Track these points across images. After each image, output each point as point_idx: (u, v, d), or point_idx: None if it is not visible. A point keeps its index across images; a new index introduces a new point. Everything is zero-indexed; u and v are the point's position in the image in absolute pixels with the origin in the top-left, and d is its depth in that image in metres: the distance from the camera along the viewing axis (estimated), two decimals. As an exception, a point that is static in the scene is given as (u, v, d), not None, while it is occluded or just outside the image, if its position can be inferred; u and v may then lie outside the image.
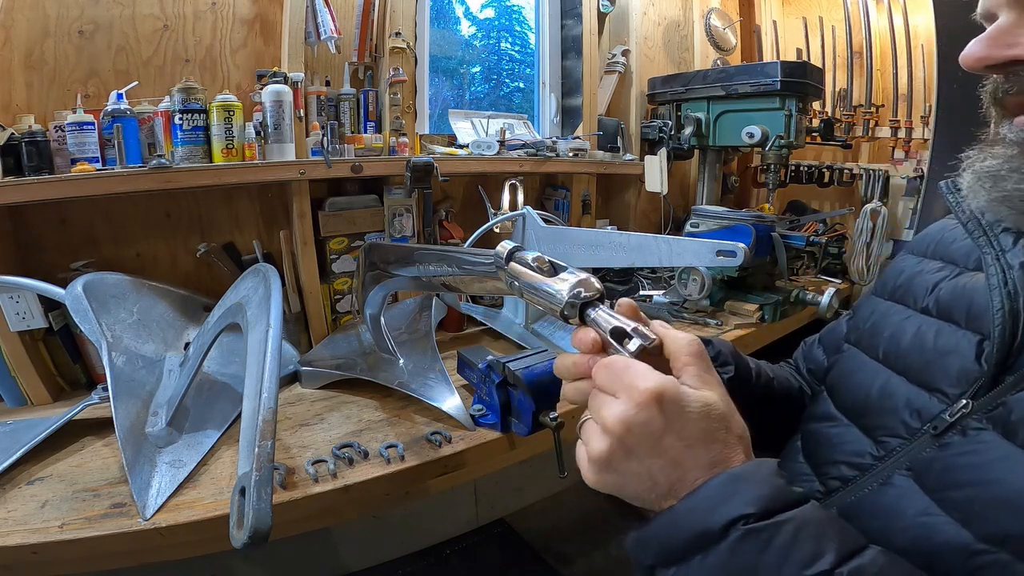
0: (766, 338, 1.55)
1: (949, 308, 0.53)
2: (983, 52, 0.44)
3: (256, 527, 0.53)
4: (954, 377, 0.48)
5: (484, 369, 0.96)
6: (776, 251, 1.57)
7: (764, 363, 0.74)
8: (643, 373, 0.40)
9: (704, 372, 0.42)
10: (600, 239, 1.19)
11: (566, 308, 0.46)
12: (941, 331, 0.52)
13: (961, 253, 0.57)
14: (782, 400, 0.71)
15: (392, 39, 1.38)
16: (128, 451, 0.78)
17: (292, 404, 1.04)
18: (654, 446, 0.39)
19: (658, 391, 0.39)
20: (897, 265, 0.63)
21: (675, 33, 2.20)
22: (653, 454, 0.39)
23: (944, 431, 0.46)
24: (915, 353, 0.53)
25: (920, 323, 0.55)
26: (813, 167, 2.23)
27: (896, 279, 0.61)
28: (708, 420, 0.40)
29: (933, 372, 0.50)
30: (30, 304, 1.00)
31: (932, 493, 0.44)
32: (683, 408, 0.39)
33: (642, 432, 0.39)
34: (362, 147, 1.33)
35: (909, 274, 0.59)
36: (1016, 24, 0.43)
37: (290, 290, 1.28)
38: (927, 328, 0.53)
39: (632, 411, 0.39)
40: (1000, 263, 0.48)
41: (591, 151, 1.78)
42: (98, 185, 1.01)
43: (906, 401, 0.51)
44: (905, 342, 0.55)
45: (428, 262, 0.85)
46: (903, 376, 0.53)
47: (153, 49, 1.19)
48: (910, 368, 0.53)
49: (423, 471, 0.86)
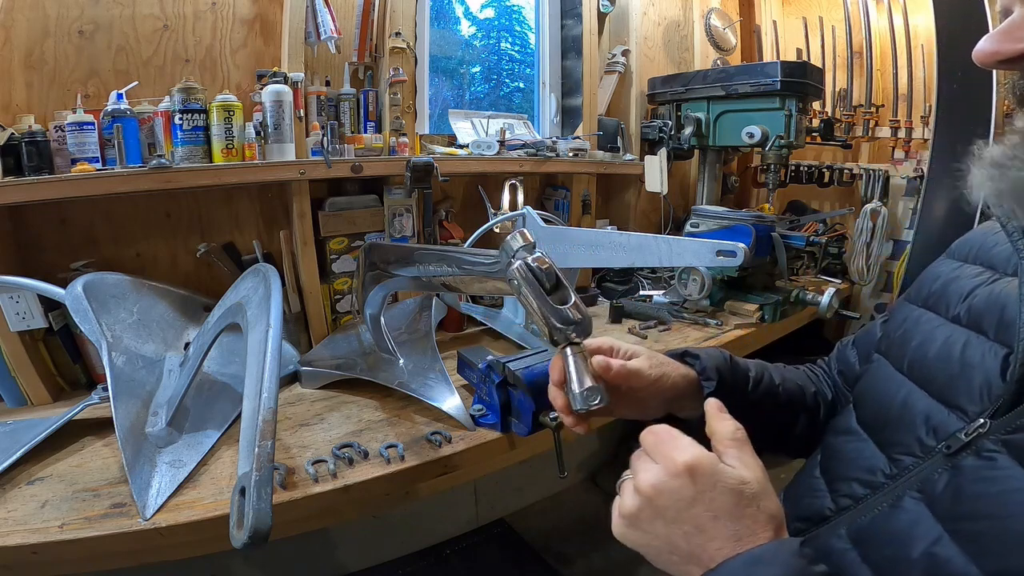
0: (766, 338, 1.55)
1: (980, 317, 0.49)
2: (995, 46, 0.42)
3: (256, 527, 0.53)
4: (976, 393, 0.45)
5: (484, 369, 0.96)
6: (776, 251, 1.57)
7: (777, 368, 0.72)
8: (683, 446, 0.42)
9: (744, 455, 0.43)
10: (600, 239, 1.19)
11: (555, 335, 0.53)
12: (969, 342, 0.49)
13: (1002, 257, 0.53)
14: (786, 405, 0.70)
15: (392, 39, 1.38)
16: (128, 451, 0.78)
17: (292, 404, 1.04)
18: (680, 512, 0.41)
19: (693, 463, 0.41)
20: (933, 270, 0.60)
21: (675, 33, 2.20)
22: (679, 520, 0.41)
23: (958, 451, 0.43)
24: (940, 365, 0.50)
25: (950, 333, 0.51)
26: (813, 167, 2.23)
27: (931, 285, 0.58)
28: (739, 496, 0.41)
29: (956, 387, 0.47)
30: (30, 304, 1.00)
31: (943, 522, 0.41)
32: (716, 482, 0.41)
33: (672, 498, 0.41)
34: (362, 147, 1.33)
35: (945, 280, 0.56)
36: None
37: (290, 290, 1.28)
38: (956, 338, 0.50)
39: (665, 478, 0.42)
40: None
41: (591, 151, 1.78)
42: (98, 185, 1.01)
43: (924, 417, 0.49)
44: (932, 353, 0.52)
45: (428, 262, 0.85)
46: (925, 390, 0.50)
47: (153, 49, 1.19)
48: (933, 381, 0.50)
49: (423, 471, 0.86)
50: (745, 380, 0.67)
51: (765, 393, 0.68)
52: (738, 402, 0.63)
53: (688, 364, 0.65)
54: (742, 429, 0.45)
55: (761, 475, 0.42)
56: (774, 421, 0.69)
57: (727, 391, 0.64)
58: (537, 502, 1.58)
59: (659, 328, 1.47)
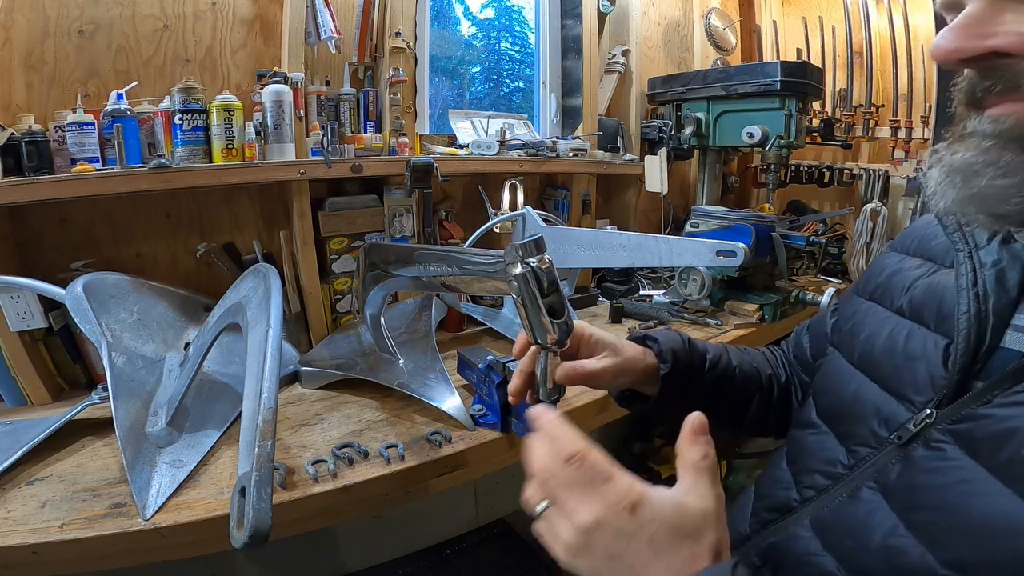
0: (766, 338, 1.55)
1: (921, 308, 0.51)
2: (956, 43, 0.40)
3: (256, 527, 0.53)
4: (921, 384, 0.47)
5: (484, 369, 0.96)
6: (776, 251, 1.57)
7: (737, 351, 0.76)
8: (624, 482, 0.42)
9: (700, 484, 0.43)
10: (600, 239, 1.19)
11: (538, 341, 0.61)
12: (912, 334, 0.50)
13: (941, 249, 0.54)
14: (741, 387, 0.73)
15: (392, 39, 1.38)
16: (128, 451, 0.78)
17: (292, 404, 1.04)
18: (621, 547, 0.40)
19: (635, 500, 0.41)
20: (879, 263, 0.62)
21: (675, 33, 2.20)
22: (620, 555, 0.41)
23: (908, 441, 0.44)
24: (886, 357, 0.51)
25: (894, 324, 0.53)
26: (813, 167, 2.23)
27: (877, 277, 0.60)
28: (679, 530, 0.40)
29: (902, 378, 0.49)
30: (30, 304, 1.00)
31: (898, 512, 0.43)
32: (654, 516, 0.41)
33: (612, 534, 0.41)
34: (362, 147, 1.33)
35: (889, 272, 0.58)
36: (990, 10, 0.39)
37: (290, 290, 1.28)
38: (900, 330, 0.52)
39: (604, 514, 0.41)
40: (972, 261, 0.46)
41: (591, 151, 1.77)
42: (98, 185, 1.01)
43: (875, 408, 0.50)
44: (879, 345, 0.53)
45: (428, 262, 0.85)
46: (875, 381, 0.52)
47: (153, 49, 1.19)
48: (881, 373, 0.51)
49: (423, 471, 0.86)
50: (702, 362, 0.70)
51: (721, 375, 0.72)
52: (693, 383, 0.69)
53: (648, 347, 0.68)
54: (710, 456, 0.44)
55: (712, 505, 0.42)
56: (728, 401, 0.73)
57: (682, 372, 0.68)
58: (537, 502, 1.57)
59: (659, 328, 1.47)
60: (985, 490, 0.37)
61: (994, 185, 0.39)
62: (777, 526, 0.55)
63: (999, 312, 0.43)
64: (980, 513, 0.37)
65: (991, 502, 0.37)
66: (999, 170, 0.39)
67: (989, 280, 0.44)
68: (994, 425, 0.38)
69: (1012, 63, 0.38)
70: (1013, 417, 0.38)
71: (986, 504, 0.37)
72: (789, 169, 2.17)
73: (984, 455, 0.39)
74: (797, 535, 0.51)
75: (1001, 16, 0.38)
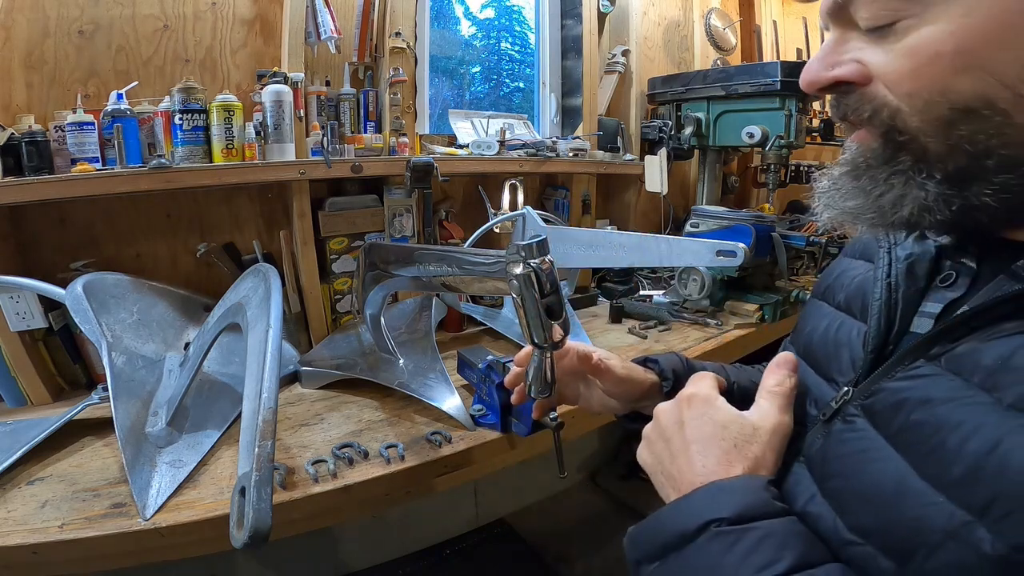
0: (766, 338, 1.55)
1: (851, 301, 0.55)
2: (811, 74, 0.43)
3: (256, 527, 0.53)
4: (845, 367, 0.50)
5: (484, 369, 0.96)
6: (776, 251, 1.57)
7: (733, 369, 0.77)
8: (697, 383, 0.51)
9: (766, 405, 0.49)
10: (600, 239, 1.19)
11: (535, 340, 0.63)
12: (843, 324, 0.54)
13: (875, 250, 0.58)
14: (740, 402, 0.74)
15: (392, 39, 1.38)
16: (128, 451, 0.78)
17: (292, 404, 1.04)
18: (671, 434, 0.49)
19: (692, 392, 0.50)
20: (832, 266, 0.65)
21: (675, 33, 2.20)
22: (669, 440, 0.49)
23: (831, 418, 0.47)
24: (821, 347, 0.56)
25: (831, 318, 0.57)
26: (813, 167, 2.23)
27: (827, 279, 0.63)
28: (722, 430, 0.47)
29: (830, 363, 0.53)
30: (30, 304, 1.00)
31: (818, 482, 0.45)
32: (703, 412, 0.48)
33: (667, 419, 0.50)
34: (362, 147, 1.33)
35: (837, 273, 0.61)
36: (839, 41, 0.41)
37: (290, 290, 1.28)
38: (833, 322, 0.56)
39: (669, 404, 0.51)
40: (890, 255, 0.49)
41: (591, 151, 1.77)
42: (98, 185, 1.01)
43: (809, 391, 0.54)
44: (817, 336, 0.57)
45: (428, 262, 0.85)
46: (813, 368, 0.56)
47: (153, 49, 1.19)
48: (817, 361, 0.55)
49: (423, 471, 0.86)
50: None
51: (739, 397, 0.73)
52: None
53: (649, 368, 0.73)
54: (786, 384, 0.50)
55: (769, 424, 0.47)
56: None
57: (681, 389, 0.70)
58: (537, 502, 1.57)
59: (659, 328, 1.47)
60: (880, 456, 0.40)
61: (847, 206, 0.43)
62: None
63: (908, 299, 0.46)
64: (872, 479, 0.39)
65: (882, 467, 0.39)
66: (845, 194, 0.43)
67: (901, 271, 0.47)
68: (892, 396, 0.41)
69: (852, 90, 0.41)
70: (907, 388, 0.40)
71: (878, 470, 0.39)
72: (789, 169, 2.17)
73: (882, 425, 0.41)
74: None
75: (845, 45, 0.41)
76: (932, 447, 0.36)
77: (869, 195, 0.41)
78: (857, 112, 0.41)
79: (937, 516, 0.34)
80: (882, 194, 0.40)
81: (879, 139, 0.40)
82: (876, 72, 0.39)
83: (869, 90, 0.40)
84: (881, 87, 0.39)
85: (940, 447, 0.36)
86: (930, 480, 0.36)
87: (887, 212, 0.40)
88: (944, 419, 0.36)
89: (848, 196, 0.43)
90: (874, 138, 0.41)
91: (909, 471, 0.37)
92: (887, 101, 0.39)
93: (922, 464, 0.37)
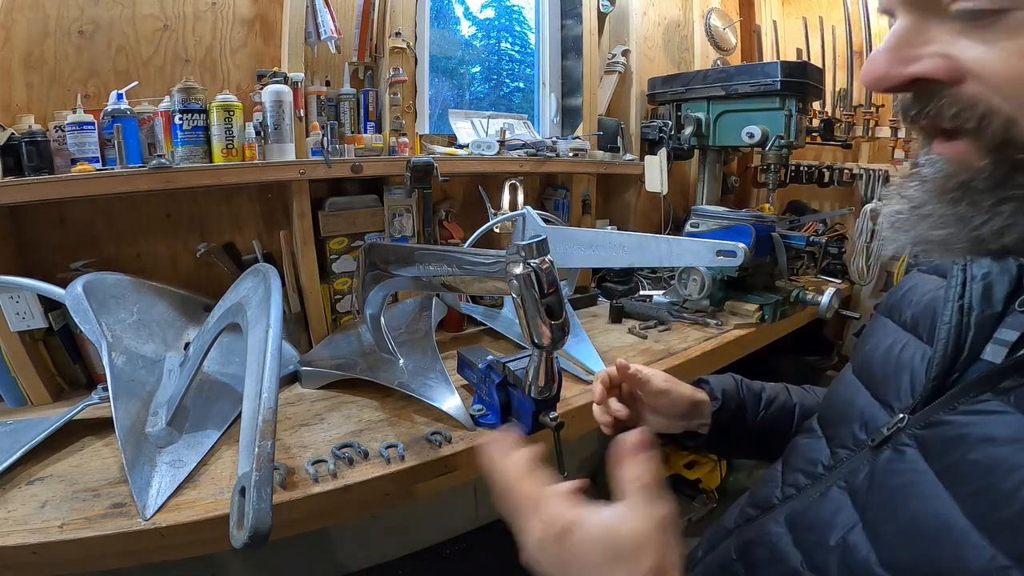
0: (766, 338, 1.55)
1: (918, 321, 0.52)
2: (882, 70, 0.35)
3: (256, 527, 0.53)
4: (903, 391, 0.47)
5: (484, 369, 0.96)
6: (776, 251, 1.57)
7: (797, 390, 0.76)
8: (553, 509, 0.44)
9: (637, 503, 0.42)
10: (600, 239, 1.19)
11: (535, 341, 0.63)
12: (908, 344, 0.51)
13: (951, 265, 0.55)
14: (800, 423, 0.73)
15: (392, 39, 1.38)
16: (128, 451, 0.78)
17: (292, 404, 1.04)
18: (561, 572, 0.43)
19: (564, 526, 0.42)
20: (903, 281, 0.62)
21: (675, 33, 2.20)
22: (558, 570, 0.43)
23: (880, 444, 0.44)
24: (880, 367, 0.53)
25: (895, 337, 0.54)
26: (813, 167, 2.23)
27: (896, 295, 0.60)
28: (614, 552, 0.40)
29: (888, 385, 0.50)
30: (30, 304, 1.00)
31: (859, 511, 0.43)
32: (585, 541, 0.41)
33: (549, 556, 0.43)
34: (362, 147, 1.33)
35: (906, 288, 0.59)
36: (914, 30, 0.34)
37: (290, 290, 1.28)
38: (898, 341, 0.53)
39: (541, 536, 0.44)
40: (964, 273, 0.45)
41: (591, 151, 1.77)
42: (98, 185, 1.01)
43: (860, 413, 0.51)
44: (878, 355, 0.54)
45: (428, 262, 0.85)
46: (867, 388, 0.53)
47: (153, 49, 1.19)
48: (874, 381, 0.53)
49: (423, 471, 0.86)
50: (755, 400, 0.72)
51: (778, 412, 0.72)
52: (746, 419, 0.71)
53: (700, 387, 0.71)
54: (646, 476, 0.43)
55: (650, 526, 0.41)
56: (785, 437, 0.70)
57: (733, 413, 0.71)
58: (537, 502, 1.57)
59: (659, 328, 1.47)
60: (926, 492, 0.38)
61: (932, 235, 0.36)
62: (758, 522, 0.56)
63: (981, 324, 0.43)
64: (916, 516, 0.37)
65: (926, 504, 0.37)
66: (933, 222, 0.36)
67: (976, 293, 0.44)
68: (951, 431, 0.39)
69: (937, 91, 0.34)
70: (969, 424, 0.38)
71: (921, 506, 0.37)
72: (789, 169, 2.17)
73: (934, 459, 0.39)
74: (772, 530, 0.52)
75: (924, 35, 0.34)
76: (983, 487, 0.34)
77: (967, 224, 0.34)
78: (956, 119, 0.33)
79: (976, 558, 0.32)
80: (984, 223, 0.33)
81: (988, 155, 0.33)
82: (974, 71, 0.32)
83: (966, 93, 0.33)
84: (982, 89, 0.32)
85: (992, 488, 0.34)
86: (974, 520, 0.34)
87: (984, 243, 0.34)
88: (1002, 460, 0.34)
89: (937, 225, 0.35)
90: (981, 154, 0.33)
91: (954, 509, 0.35)
92: (995, 107, 0.31)
93: (969, 503, 0.35)
